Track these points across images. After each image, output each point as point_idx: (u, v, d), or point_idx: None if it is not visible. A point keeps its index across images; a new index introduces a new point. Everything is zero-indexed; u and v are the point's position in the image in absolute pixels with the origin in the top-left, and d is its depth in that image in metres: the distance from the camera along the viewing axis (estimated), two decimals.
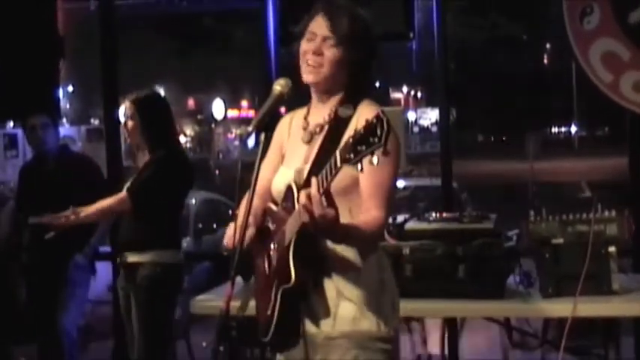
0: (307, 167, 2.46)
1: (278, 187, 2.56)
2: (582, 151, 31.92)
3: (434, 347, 4.99)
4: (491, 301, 3.64)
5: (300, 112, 2.67)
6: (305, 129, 2.61)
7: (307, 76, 2.54)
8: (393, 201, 2.50)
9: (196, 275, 7.20)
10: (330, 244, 2.44)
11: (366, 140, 2.08)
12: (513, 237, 3.95)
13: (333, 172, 2.18)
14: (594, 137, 39.43)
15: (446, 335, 4.88)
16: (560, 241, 3.64)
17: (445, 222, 3.96)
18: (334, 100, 2.57)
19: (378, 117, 2.09)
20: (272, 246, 2.51)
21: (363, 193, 2.46)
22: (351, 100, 2.55)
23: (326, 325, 2.48)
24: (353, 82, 2.56)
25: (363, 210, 2.45)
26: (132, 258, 4.14)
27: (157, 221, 4.13)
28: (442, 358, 4.91)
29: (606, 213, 3.64)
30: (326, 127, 2.54)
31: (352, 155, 2.10)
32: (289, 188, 2.42)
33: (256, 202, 2.54)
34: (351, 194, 2.46)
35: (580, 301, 3.48)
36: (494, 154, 28.27)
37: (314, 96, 2.62)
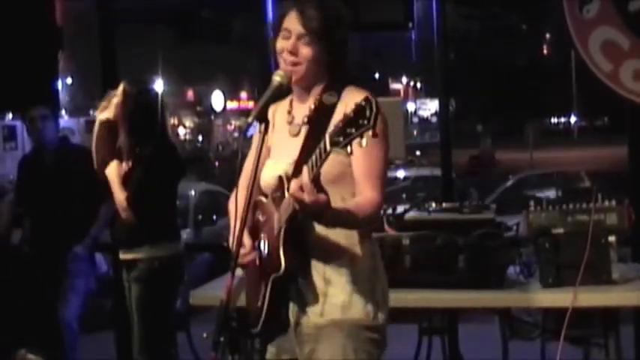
0: (296, 157, 2.45)
1: (267, 179, 2.56)
2: (582, 140, 31.88)
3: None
4: (491, 291, 3.64)
5: (283, 105, 2.65)
6: (290, 123, 2.59)
7: None
8: (385, 184, 2.50)
9: (196, 266, 7.20)
10: (321, 231, 2.44)
11: (355, 123, 2.09)
12: (513, 227, 3.94)
13: (323, 156, 2.18)
14: (594, 127, 39.39)
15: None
16: (560, 230, 3.64)
17: (445, 212, 3.95)
18: (317, 91, 2.56)
19: (367, 99, 2.11)
20: (262, 237, 2.51)
21: (356, 177, 2.46)
22: (334, 87, 2.54)
23: (315, 313, 2.48)
24: (332, 71, 2.54)
25: (357, 193, 2.45)
26: (130, 255, 4.11)
27: (152, 217, 4.08)
28: (442, 349, 4.92)
29: (606, 203, 3.64)
30: (312, 117, 2.53)
31: (342, 138, 2.11)
32: (280, 179, 2.42)
33: (242, 193, 2.54)
34: (342, 181, 2.47)
35: (580, 290, 3.48)
36: (494, 144, 28.25)
37: (295, 90, 2.61)
